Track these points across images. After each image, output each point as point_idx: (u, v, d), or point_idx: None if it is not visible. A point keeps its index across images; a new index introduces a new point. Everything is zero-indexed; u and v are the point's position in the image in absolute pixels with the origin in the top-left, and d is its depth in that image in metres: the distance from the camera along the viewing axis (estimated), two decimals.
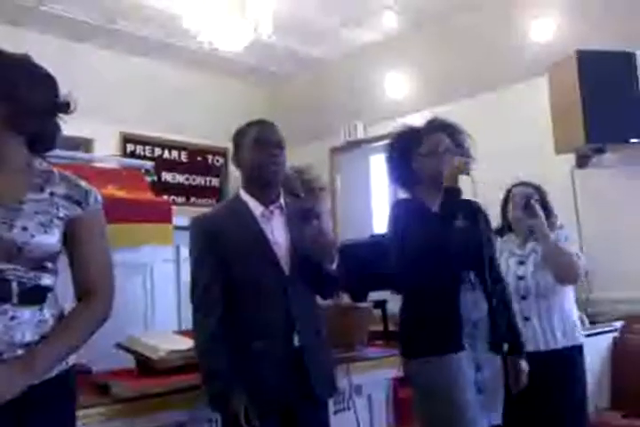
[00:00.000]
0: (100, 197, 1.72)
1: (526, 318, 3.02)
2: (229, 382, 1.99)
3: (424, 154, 2.49)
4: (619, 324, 4.19)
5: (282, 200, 2.27)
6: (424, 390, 2.39)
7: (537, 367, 2.58)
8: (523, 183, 3.30)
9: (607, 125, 4.37)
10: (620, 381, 3.61)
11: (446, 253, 2.32)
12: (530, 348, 2.81)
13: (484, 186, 2.60)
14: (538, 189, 3.28)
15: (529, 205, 3.04)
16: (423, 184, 2.52)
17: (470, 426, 2.26)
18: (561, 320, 3.07)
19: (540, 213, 3.04)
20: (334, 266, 2.17)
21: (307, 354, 2.12)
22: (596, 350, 3.71)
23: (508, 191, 3.29)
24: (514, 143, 5.08)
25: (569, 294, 3.15)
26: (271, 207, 2.22)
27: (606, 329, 4.01)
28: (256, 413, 1.97)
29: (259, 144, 2.18)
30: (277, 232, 2.20)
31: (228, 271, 2.12)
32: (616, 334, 4.08)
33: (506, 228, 3.28)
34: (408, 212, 2.47)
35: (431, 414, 2.37)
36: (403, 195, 2.69)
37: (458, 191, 2.42)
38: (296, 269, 2.17)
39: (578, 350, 3.09)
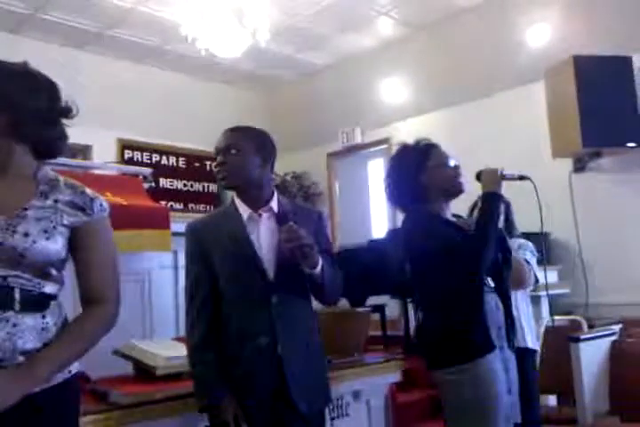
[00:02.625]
0: (105, 205, 1.70)
1: None
2: (218, 389, 2.01)
3: (435, 166, 2.52)
4: (617, 327, 4.19)
5: (274, 204, 2.20)
6: (456, 396, 2.33)
7: None
8: None
9: (604, 130, 4.39)
10: (618, 385, 3.60)
11: (475, 260, 2.34)
12: None
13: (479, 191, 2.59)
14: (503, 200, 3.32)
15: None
16: (433, 197, 2.54)
17: None
18: None
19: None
20: (318, 269, 2.06)
21: (286, 363, 2.06)
22: (594, 354, 3.71)
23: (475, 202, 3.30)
24: (511, 148, 5.10)
25: (515, 298, 3.10)
26: (260, 211, 2.17)
27: (605, 333, 4.00)
28: (245, 418, 1.98)
29: None
30: (264, 236, 2.14)
31: (214, 276, 2.11)
32: (614, 337, 4.07)
33: None
34: (428, 219, 2.49)
35: (467, 421, 2.31)
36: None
37: (499, 197, 2.43)
38: (282, 275, 2.11)
39: (522, 352, 2.99)
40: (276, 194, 2.24)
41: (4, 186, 1.59)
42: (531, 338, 3.20)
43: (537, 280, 3.24)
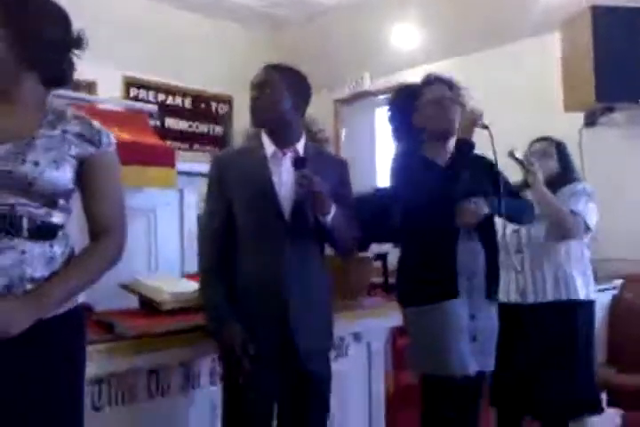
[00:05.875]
0: (112, 138, 1.73)
1: (519, 271, 3.04)
2: (224, 312, 2.07)
3: (426, 104, 2.44)
4: (619, 282, 4.22)
5: (300, 145, 2.21)
6: (417, 336, 2.44)
7: (526, 319, 2.59)
8: (542, 139, 3.26)
9: (618, 84, 4.30)
10: (616, 337, 3.67)
11: (449, 204, 2.32)
12: (518, 299, 2.88)
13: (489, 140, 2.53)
14: (558, 144, 3.25)
15: (515, 159, 2.99)
16: (427, 138, 2.48)
17: (459, 371, 2.32)
18: (553, 273, 3.06)
19: (531, 166, 3.00)
20: (329, 218, 2.09)
21: (292, 307, 2.09)
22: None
23: (529, 147, 3.26)
24: (522, 99, 5.03)
25: (567, 248, 3.12)
26: (285, 149, 2.17)
27: (606, 287, 4.03)
28: (251, 341, 2.02)
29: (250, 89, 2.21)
30: (285, 176, 2.14)
31: (229, 210, 2.14)
32: (615, 292, 4.11)
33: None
34: (410, 164, 2.45)
35: (423, 359, 2.41)
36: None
37: (470, 145, 2.37)
38: (298, 217, 2.13)
39: (575, 305, 3.05)
40: (304, 138, 2.23)
41: (12, 114, 1.60)
42: (585, 290, 3.08)
43: (588, 228, 3.12)
